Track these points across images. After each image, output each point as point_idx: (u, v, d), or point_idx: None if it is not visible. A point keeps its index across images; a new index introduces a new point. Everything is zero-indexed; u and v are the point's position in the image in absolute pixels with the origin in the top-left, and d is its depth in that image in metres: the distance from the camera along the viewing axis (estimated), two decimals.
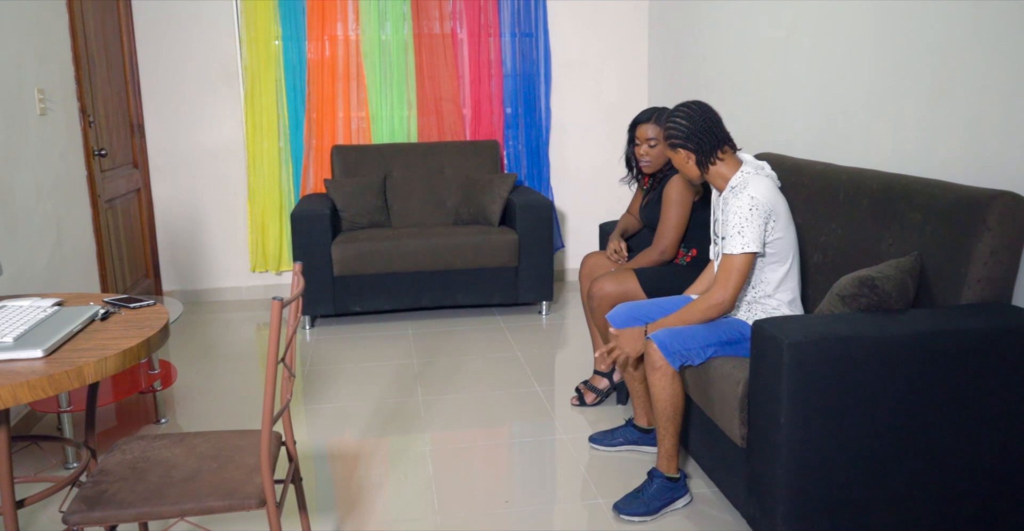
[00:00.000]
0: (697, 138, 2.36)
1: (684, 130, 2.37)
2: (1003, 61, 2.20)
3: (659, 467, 2.40)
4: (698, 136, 2.36)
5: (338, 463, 2.75)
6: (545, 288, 4.37)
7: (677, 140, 2.38)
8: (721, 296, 2.28)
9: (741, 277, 2.26)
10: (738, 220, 2.25)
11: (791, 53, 3.32)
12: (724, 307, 2.29)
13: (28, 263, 3.02)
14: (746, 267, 2.26)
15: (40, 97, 3.20)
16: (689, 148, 2.38)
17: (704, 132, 2.36)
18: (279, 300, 1.57)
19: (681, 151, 2.39)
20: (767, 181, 2.33)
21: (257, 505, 1.67)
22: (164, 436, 1.93)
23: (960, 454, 1.95)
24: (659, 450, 2.39)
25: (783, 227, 2.33)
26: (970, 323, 1.93)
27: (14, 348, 1.57)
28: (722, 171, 2.38)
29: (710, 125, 2.37)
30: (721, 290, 2.28)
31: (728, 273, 2.27)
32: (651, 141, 3.00)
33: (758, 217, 2.25)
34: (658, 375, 2.30)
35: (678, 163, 2.44)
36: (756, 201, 2.25)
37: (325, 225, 4.09)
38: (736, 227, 2.25)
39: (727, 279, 2.27)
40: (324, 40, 4.65)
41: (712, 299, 2.29)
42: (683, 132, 2.37)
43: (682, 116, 2.38)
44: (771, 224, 2.29)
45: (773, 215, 2.29)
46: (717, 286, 2.29)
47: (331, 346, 3.98)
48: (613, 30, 5.00)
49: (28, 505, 1.77)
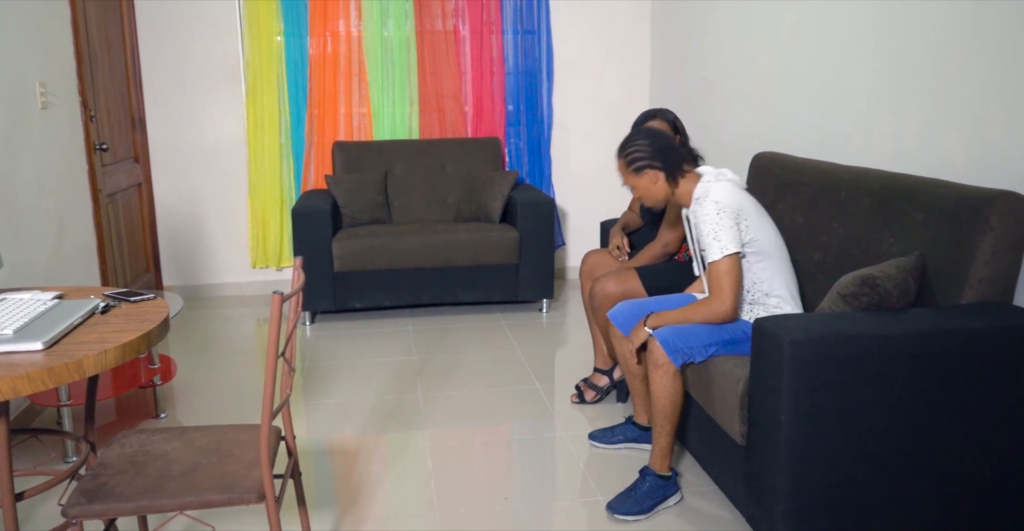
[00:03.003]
0: (663, 155, 2.38)
1: (649, 149, 2.38)
2: (1004, 60, 2.20)
3: (652, 465, 2.40)
4: (663, 152, 2.38)
5: (337, 459, 2.75)
6: (546, 286, 4.36)
7: (643, 161, 2.38)
8: (719, 306, 2.27)
9: (732, 281, 2.26)
10: (710, 228, 2.27)
11: (793, 52, 3.32)
12: (726, 316, 2.29)
13: (29, 257, 3.02)
14: (734, 269, 2.26)
15: (41, 91, 3.20)
16: (656, 166, 2.38)
17: (668, 148, 2.40)
18: (279, 294, 1.56)
19: (648, 172, 2.39)
20: (728, 184, 2.34)
21: (256, 499, 1.67)
22: (164, 430, 1.93)
23: (960, 453, 1.95)
24: (653, 448, 2.39)
25: (756, 225, 2.33)
26: (971, 323, 1.92)
27: (14, 340, 1.57)
28: (688, 186, 2.40)
29: (669, 142, 2.41)
30: (717, 301, 2.27)
31: (718, 281, 2.27)
32: None
33: (727, 219, 2.26)
34: (660, 372, 2.30)
35: (644, 187, 2.42)
36: (721, 204, 2.27)
37: (326, 221, 4.09)
38: (710, 234, 2.27)
39: (719, 287, 2.27)
40: (326, 36, 4.64)
41: (712, 309, 2.28)
42: (648, 151, 2.38)
43: (642, 138, 2.41)
44: (743, 224, 2.30)
45: (743, 214, 2.30)
46: (713, 296, 2.29)
47: (331, 342, 3.98)
48: (615, 29, 5.00)
49: (27, 498, 1.77)
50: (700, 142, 4.18)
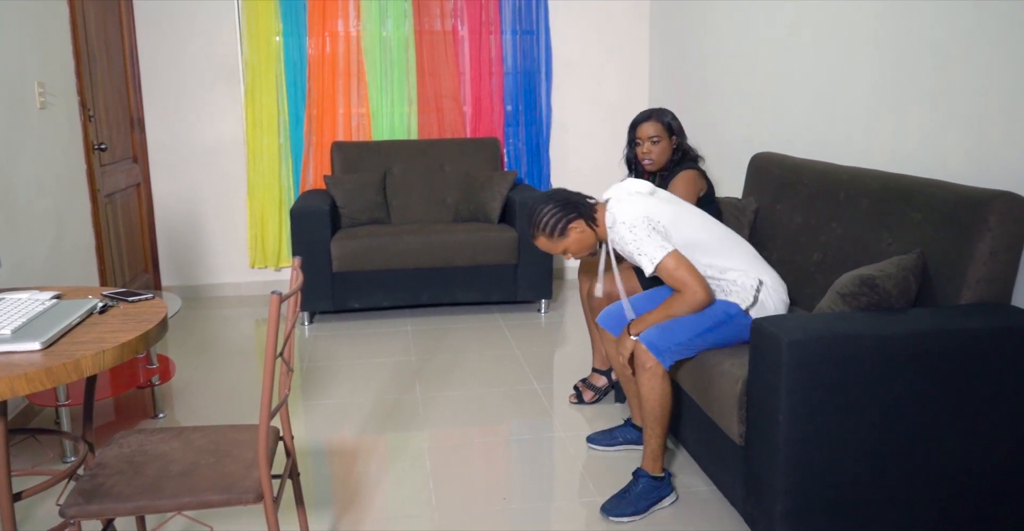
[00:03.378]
0: (571, 205, 2.40)
1: (556, 208, 2.40)
2: (1004, 61, 2.20)
3: (645, 467, 2.40)
4: (569, 202, 2.41)
5: (336, 459, 2.75)
6: (544, 286, 4.36)
7: (562, 221, 2.39)
8: (693, 297, 2.27)
9: (687, 271, 2.26)
10: (632, 247, 2.30)
11: (792, 53, 3.32)
12: (704, 301, 2.28)
13: (27, 257, 3.01)
14: (680, 261, 2.26)
15: (40, 91, 3.20)
16: (573, 217, 2.40)
17: (567, 196, 2.43)
18: (278, 294, 1.56)
19: (571, 227, 2.40)
20: (627, 200, 2.37)
21: (254, 500, 1.66)
22: (162, 430, 1.93)
23: (959, 453, 1.95)
24: (645, 450, 2.39)
25: (671, 222, 2.34)
26: (969, 323, 1.92)
27: (12, 340, 1.57)
28: (601, 221, 2.42)
29: (564, 191, 2.46)
30: (689, 292, 2.27)
31: (675, 278, 2.28)
32: (653, 139, 3.00)
33: (641, 231, 2.29)
34: (647, 375, 2.30)
35: (578, 242, 2.43)
36: (628, 223, 2.30)
37: (324, 221, 4.09)
38: (635, 253, 2.30)
39: (681, 282, 2.27)
40: (325, 36, 4.64)
41: (687, 301, 2.28)
42: (558, 210, 2.39)
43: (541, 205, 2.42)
44: (659, 227, 2.31)
45: (652, 220, 2.31)
46: (681, 291, 2.28)
47: (330, 342, 3.98)
48: (614, 29, 5.00)
49: (25, 498, 1.76)
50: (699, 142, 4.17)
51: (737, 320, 2.31)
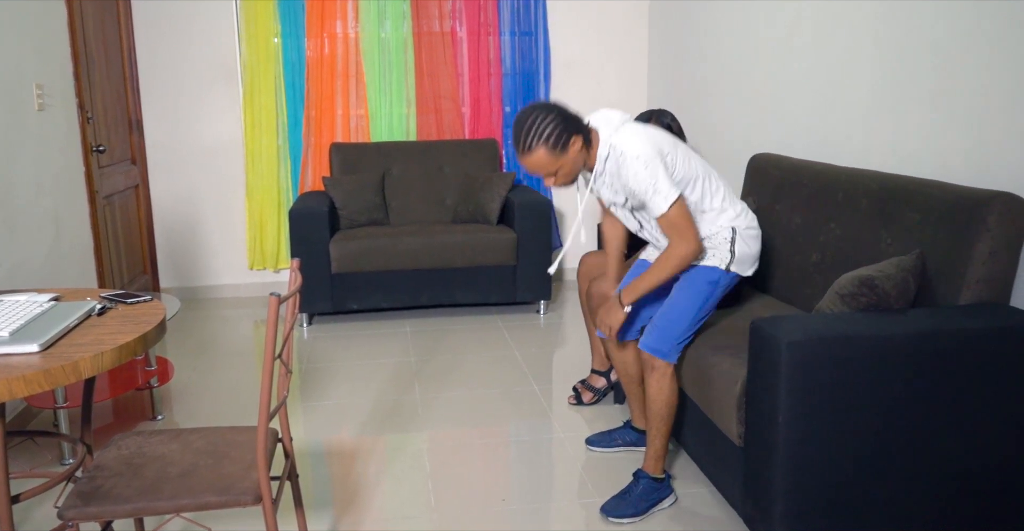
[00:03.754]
0: (574, 123, 2.14)
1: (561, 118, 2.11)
2: (1003, 62, 2.20)
3: (646, 468, 2.40)
4: (572, 120, 2.14)
5: (335, 460, 2.74)
6: (543, 287, 4.36)
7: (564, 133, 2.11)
8: (687, 248, 2.16)
9: (688, 221, 2.15)
10: (645, 184, 2.11)
11: (791, 53, 3.32)
12: (695, 253, 2.19)
13: (26, 258, 3.01)
14: (684, 211, 2.14)
15: (38, 93, 3.19)
16: (574, 133, 2.13)
17: (573, 116, 2.15)
18: (276, 296, 1.56)
19: (571, 146, 2.13)
20: (631, 130, 2.17)
21: (253, 501, 1.66)
22: (160, 432, 1.92)
23: (958, 454, 1.95)
24: (648, 450, 2.39)
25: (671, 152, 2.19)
26: (968, 323, 1.92)
27: (10, 342, 1.56)
28: (595, 148, 2.20)
29: (561, 108, 2.15)
30: (684, 243, 2.16)
31: (675, 227, 2.15)
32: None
33: (656, 167, 2.10)
34: (656, 375, 2.30)
35: (569, 162, 2.16)
36: (643, 157, 2.10)
37: (323, 222, 4.09)
38: (648, 191, 2.12)
39: (679, 231, 2.15)
40: (323, 38, 4.64)
41: (681, 254, 2.17)
42: (558, 124, 2.10)
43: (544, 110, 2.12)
44: (668, 160, 2.16)
45: (663, 151, 2.16)
46: (676, 242, 2.17)
47: (329, 344, 3.97)
48: (613, 30, 5.00)
49: (23, 500, 1.76)
50: (698, 143, 4.18)
51: (722, 282, 2.29)
